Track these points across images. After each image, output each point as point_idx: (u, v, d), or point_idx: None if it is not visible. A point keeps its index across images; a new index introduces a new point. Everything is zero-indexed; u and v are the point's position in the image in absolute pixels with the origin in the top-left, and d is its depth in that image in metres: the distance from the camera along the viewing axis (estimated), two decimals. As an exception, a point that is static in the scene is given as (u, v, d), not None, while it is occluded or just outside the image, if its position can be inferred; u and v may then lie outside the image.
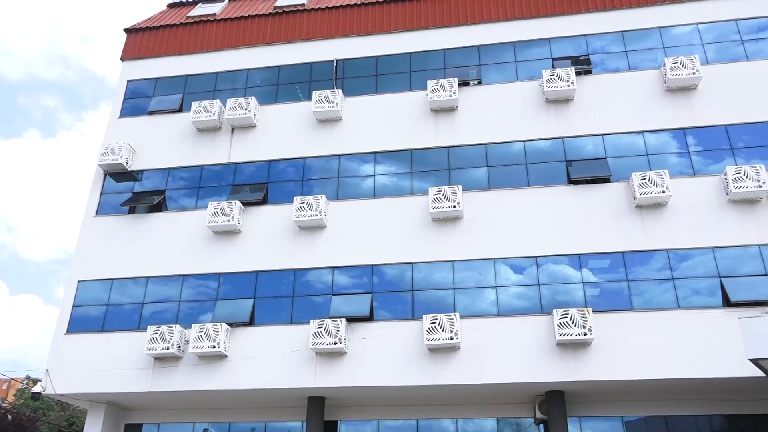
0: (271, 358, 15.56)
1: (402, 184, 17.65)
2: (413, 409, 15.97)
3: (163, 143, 19.57)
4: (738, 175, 15.51)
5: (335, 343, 15.02)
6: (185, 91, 20.51)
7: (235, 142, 19.09)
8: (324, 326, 15.24)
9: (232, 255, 17.33)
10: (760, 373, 12.40)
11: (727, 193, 15.60)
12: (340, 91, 18.75)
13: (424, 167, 17.74)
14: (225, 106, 19.27)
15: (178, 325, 16.05)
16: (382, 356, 15.18)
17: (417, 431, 15.83)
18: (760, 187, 15.27)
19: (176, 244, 17.79)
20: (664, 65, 17.37)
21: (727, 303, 14.64)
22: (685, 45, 18.31)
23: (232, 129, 19.29)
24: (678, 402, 14.89)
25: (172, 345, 15.69)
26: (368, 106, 18.82)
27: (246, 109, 18.93)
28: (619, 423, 15.13)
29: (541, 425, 15.30)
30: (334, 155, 18.34)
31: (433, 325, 14.83)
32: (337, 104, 18.45)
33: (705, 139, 16.85)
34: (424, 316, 15.05)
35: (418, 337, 15.16)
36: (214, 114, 19.04)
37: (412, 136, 18.13)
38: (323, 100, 18.56)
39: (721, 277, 14.99)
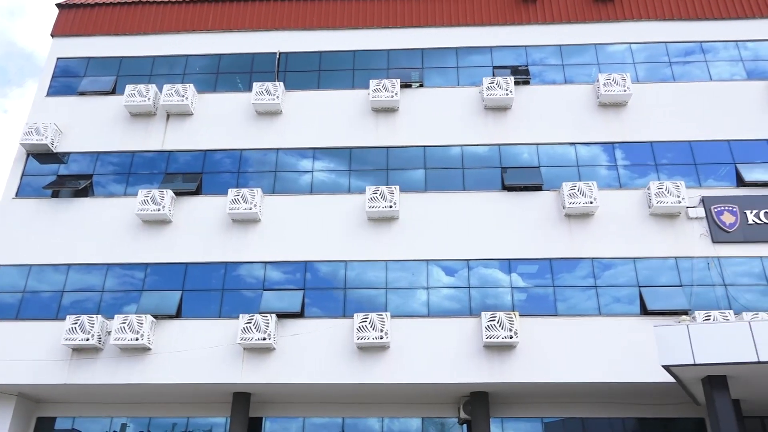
0: (197, 353, 15.20)
1: (340, 182, 17.61)
2: (340, 407, 15.96)
3: (93, 126, 18.79)
4: (660, 190, 16.28)
5: (264, 339, 14.83)
6: (119, 74, 19.76)
7: (170, 129, 18.55)
8: (253, 321, 15.01)
9: (161, 245, 16.83)
10: (671, 379, 13.06)
11: (650, 207, 16.36)
12: (281, 84, 18.52)
13: (363, 166, 17.77)
14: (161, 92, 18.69)
15: (99, 316, 15.44)
16: (311, 353, 15.10)
17: (342, 429, 15.83)
18: (680, 202, 16.09)
19: (102, 231, 17.11)
20: (598, 81, 18.04)
21: (645, 311, 15.35)
22: (619, 63, 19.08)
23: (168, 116, 18.73)
24: (594, 404, 15.48)
25: (93, 336, 15.09)
26: (310, 101, 18.68)
27: (183, 96, 18.42)
28: (539, 424, 15.60)
29: (465, 425, 15.60)
30: (272, 149, 18.10)
31: (363, 324, 14.87)
32: (278, 97, 18.21)
33: (632, 154, 17.61)
34: (355, 315, 15.06)
35: (348, 335, 15.16)
36: (149, 99, 18.43)
37: (352, 135, 18.11)
38: (264, 92, 18.28)
39: (640, 287, 15.70)
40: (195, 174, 17.88)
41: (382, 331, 14.78)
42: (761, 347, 11.31)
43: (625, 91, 17.79)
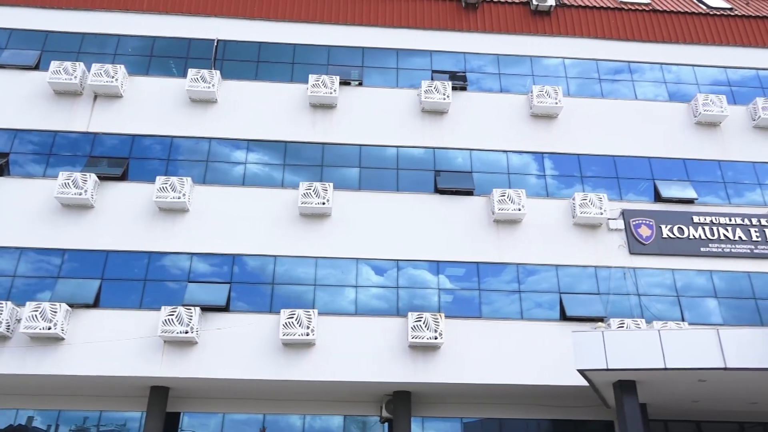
0: (114, 344, 14.63)
1: (273, 176, 17.38)
2: (261, 403, 15.73)
3: (12, 101, 17.76)
4: (584, 201, 16.95)
5: (186, 332, 14.44)
6: (44, 48, 18.77)
7: (97, 110, 17.77)
8: (176, 313, 14.59)
9: (81, 231, 16.10)
10: (586, 383, 13.61)
11: (574, 217, 17.00)
12: (218, 72, 18.08)
13: (298, 161, 17.60)
14: (89, 71, 17.87)
15: (9, 302, 14.60)
16: (235, 348, 14.82)
17: (263, 426, 15.62)
18: (601, 214, 16.81)
19: (17, 213, 16.20)
20: (532, 92, 18.59)
21: (564, 317, 15.94)
22: (552, 76, 19.72)
23: (95, 96, 17.93)
24: (512, 406, 15.93)
25: (0, 323, 14.26)
26: (246, 91, 18.33)
27: (113, 76, 17.69)
28: (459, 424, 15.92)
29: (386, 424, 15.72)
30: (205, 137, 17.66)
31: (290, 320, 14.73)
32: (213, 85, 17.78)
33: (560, 164, 18.24)
34: (282, 310, 14.91)
35: (274, 331, 14.98)
36: (75, 77, 17.59)
37: (288, 129, 17.91)
38: (199, 79, 17.80)
39: (560, 293, 16.29)
40: (121, 159, 17.22)
41: (308, 328, 14.69)
42: (668, 355, 11.95)
43: (556, 103, 18.41)
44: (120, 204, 16.45)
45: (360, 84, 18.80)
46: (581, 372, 12.60)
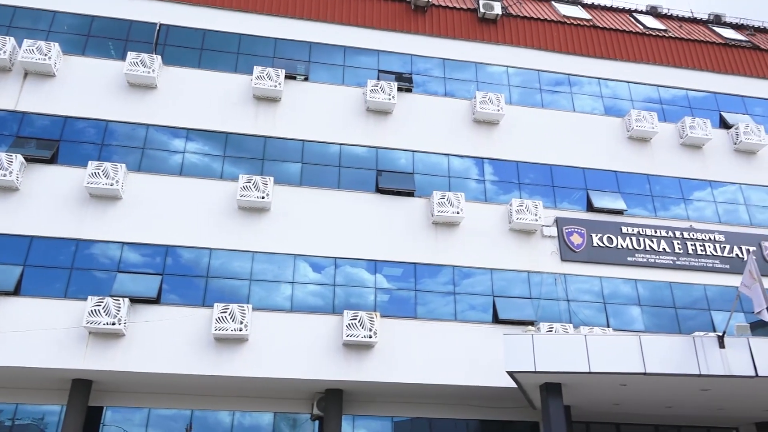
0: (34, 334, 13.97)
1: (213, 167, 17.01)
2: (190, 398, 15.36)
3: (-67, 73, 16.70)
4: (521, 208, 17.39)
5: (113, 324, 13.95)
6: (-28, 20, 17.72)
7: (27, 88, 16.91)
8: (103, 304, 14.08)
9: (4, 214, 15.28)
10: (514, 384, 13.96)
11: (510, 222, 17.42)
12: (159, 57, 17.54)
13: (239, 153, 17.30)
14: (20, 47, 17.00)
15: None
16: (165, 342, 14.42)
17: (191, 422, 15.28)
18: (536, 221, 17.28)
19: (-67, 192, 15.25)
20: (475, 98, 18.92)
21: (497, 320, 16.30)
22: (496, 83, 20.12)
23: (25, 73, 17.06)
24: (442, 406, 16.18)
25: None
26: (188, 79, 17.86)
27: (46, 54, 16.88)
28: (389, 423, 16.03)
29: (317, 422, 15.66)
30: (142, 124, 17.09)
31: (223, 315, 14.46)
32: (153, 70, 17.23)
33: (499, 170, 18.64)
34: (215, 305, 14.62)
35: (206, 326, 14.67)
36: (4, 53, 16.68)
37: (230, 119, 17.56)
38: (139, 63, 17.22)
39: (494, 296, 16.66)
40: (51, 141, 16.46)
41: (242, 323, 14.46)
42: (593, 359, 12.41)
43: (498, 110, 18.80)
44: (48, 188, 15.72)
45: (306, 79, 18.64)
46: (510, 374, 12.92)
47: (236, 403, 15.50)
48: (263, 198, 16.10)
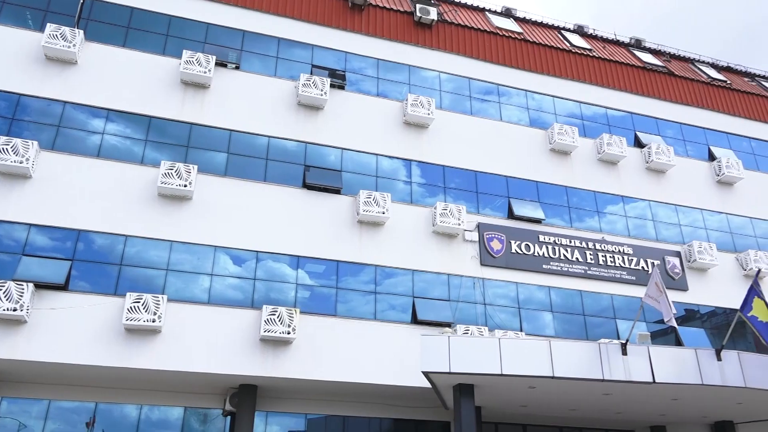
0: (-76, 318, 12.99)
1: (134, 151, 16.36)
2: (94, 391, 14.67)
3: None
4: (444, 211, 17.71)
5: (14, 310, 13.15)
6: None
7: (-70, 53, 15.69)
8: (4, 288, 13.25)
9: None
10: (429, 384, 14.18)
11: (433, 225, 17.70)
12: (81, 32, 16.67)
13: (162, 138, 16.71)
14: (-75, 7, 15.75)
15: None
16: (72, 331, 13.73)
17: (94, 415, 14.61)
18: (459, 225, 17.66)
19: None
20: (407, 100, 19.10)
21: (415, 320, 16.53)
22: (428, 87, 20.39)
23: (-70, 37, 15.83)
24: (357, 404, 16.24)
25: None
26: (112, 58, 17.08)
27: (-46, 18, 15.71)
28: (303, 420, 15.95)
29: (228, 418, 15.35)
30: (59, 100, 16.20)
31: (136, 305, 13.93)
32: (74, 45, 16.37)
33: (427, 173, 18.90)
34: (128, 294, 14.06)
35: (117, 315, 14.08)
36: None
37: (154, 103, 16.94)
38: (59, 36, 16.31)
39: (414, 297, 16.88)
40: (-45, 111, 15.33)
41: (155, 314, 13.98)
42: (505, 362, 12.80)
43: (428, 114, 19.07)
44: (-52, 161, 14.64)
45: (237, 67, 18.24)
46: (426, 374, 13.13)
47: (144, 396, 14.96)
48: (185, 186, 15.62)
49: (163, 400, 15.06)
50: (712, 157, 23.20)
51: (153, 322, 13.92)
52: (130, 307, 13.89)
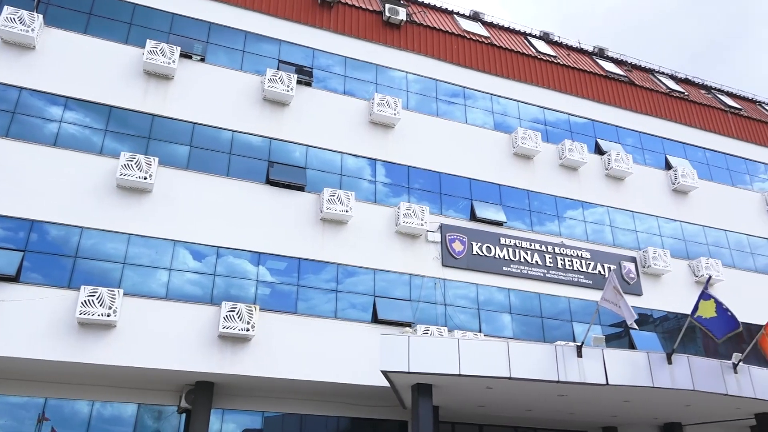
0: None
1: (93, 140, 15.96)
2: (44, 386, 14.24)
3: None
4: (408, 211, 17.78)
5: (-38, 301, 12.70)
6: None
7: None
8: (-49, 279, 12.79)
9: None
10: (388, 384, 14.22)
11: (397, 225, 17.76)
12: (41, 16, 16.18)
13: (122, 129, 16.34)
14: None
15: None
16: (22, 324, 13.32)
17: (43, 411, 14.19)
18: (422, 225, 17.75)
19: None
20: (373, 99, 19.11)
21: (376, 320, 16.55)
22: (396, 88, 20.44)
23: None
24: (315, 402, 16.18)
25: None
26: (73, 44, 16.63)
27: None
28: (260, 417, 15.80)
29: (183, 415, 15.11)
30: (14, 85, 15.68)
31: (90, 298, 13.60)
32: (33, 30, 15.87)
33: (391, 173, 18.95)
34: (82, 287, 13.71)
35: (71, 309, 13.71)
36: None
37: (116, 93, 16.55)
38: (16, 20, 15.79)
39: (375, 296, 16.90)
40: None
41: (110, 308, 13.67)
42: (464, 362, 12.92)
43: (395, 114, 19.11)
44: None
45: (202, 60, 17.96)
46: (385, 373, 13.17)
47: (97, 392, 14.59)
48: (145, 179, 15.32)
49: (117, 396, 14.73)
50: (668, 166, 23.85)
51: (108, 316, 13.61)
52: (85, 301, 13.56)
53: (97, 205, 15.10)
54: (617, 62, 27.10)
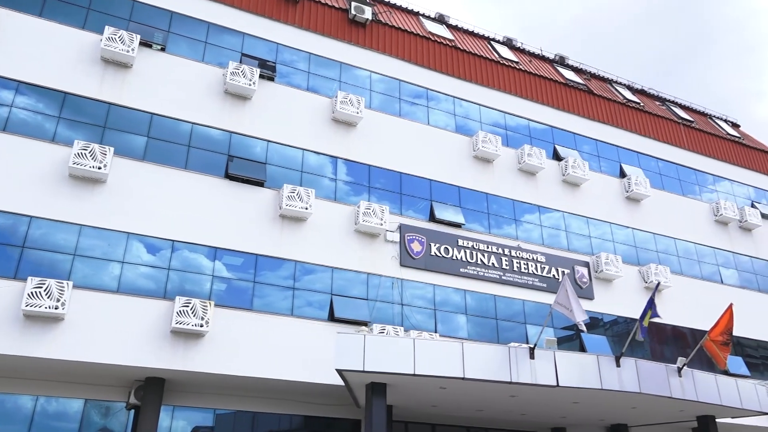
0: None
1: (45, 127, 15.46)
2: (-14, 380, 13.79)
3: None
4: (368, 210, 17.79)
5: None
6: None
7: None
8: None
9: None
10: (343, 382, 14.21)
11: (356, 224, 17.74)
12: (-7, -4, 15.61)
13: (77, 117, 15.88)
14: None
15: None
16: (-39, 315, 12.83)
17: (-16, 406, 13.69)
18: (381, 224, 17.79)
19: None
20: (336, 97, 19.04)
21: (332, 318, 16.50)
22: (359, 86, 20.41)
23: None
24: (268, 400, 16.02)
25: None
26: (25, 27, 16.06)
27: None
28: (211, 415, 15.57)
29: (132, 411, 14.78)
30: (-37, 68, 15.08)
31: (38, 290, 13.17)
32: (-16, 10, 15.29)
33: (352, 171, 18.92)
34: (29, 278, 13.27)
35: (17, 301, 13.25)
36: None
37: (71, 79, 16.06)
38: (-33, -2, 15.19)
39: (332, 295, 16.85)
40: None
41: (59, 301, 13.27)
42: (419, 362, 13.00)
43: (357, 113, 19.09)
44: None
45: (163, 49, 17.59)
46: (339, 372, 13.14)
47: (42, 387, 14.14)
48: (99, 168, 14.92)
49: (63, 391, 14.29)
50: (623, 174, 24.47)
51: (56, 309, 13.21)
52: (31, 293, 13.12)
53: (47, 194, 14.64)
54: (577, 71, 27.68)
